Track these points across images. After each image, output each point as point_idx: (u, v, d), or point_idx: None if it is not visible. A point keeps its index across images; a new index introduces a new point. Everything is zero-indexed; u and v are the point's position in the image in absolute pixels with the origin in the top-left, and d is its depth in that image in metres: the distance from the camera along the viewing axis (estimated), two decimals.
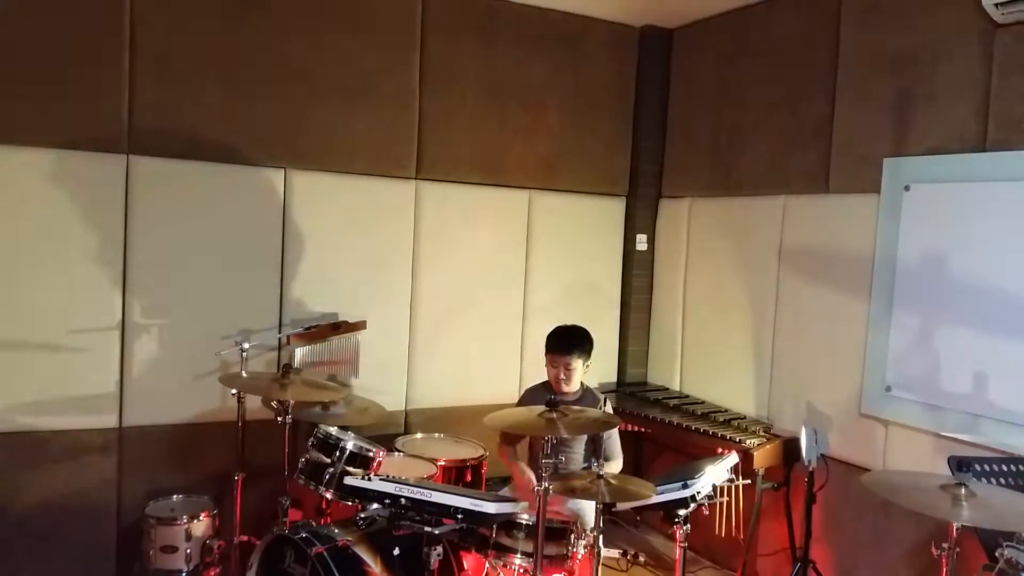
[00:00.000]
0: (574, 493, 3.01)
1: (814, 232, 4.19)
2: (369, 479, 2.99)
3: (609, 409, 3.83)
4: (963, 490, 2.38)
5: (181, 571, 3.54)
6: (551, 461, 2.83)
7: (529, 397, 3.78)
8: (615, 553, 4.30)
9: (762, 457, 4.02)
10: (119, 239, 3.86)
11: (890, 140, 3.79)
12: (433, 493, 2.87)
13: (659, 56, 5.13)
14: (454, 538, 3.17)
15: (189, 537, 3.55)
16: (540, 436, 2.87)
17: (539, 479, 2.81)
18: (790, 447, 4.15)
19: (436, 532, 2.81)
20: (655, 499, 3.11)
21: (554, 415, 2.84)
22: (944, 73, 3.58)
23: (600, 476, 3.05)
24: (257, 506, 4.01)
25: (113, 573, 3.93)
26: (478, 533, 3.14)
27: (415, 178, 4.51)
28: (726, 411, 4.57)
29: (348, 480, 3.04)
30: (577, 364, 3.67)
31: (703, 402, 4.76)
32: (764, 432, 4.22)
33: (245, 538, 3.83)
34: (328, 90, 4.23)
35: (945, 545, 2.43)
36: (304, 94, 4.17)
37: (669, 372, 5.13)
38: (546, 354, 3.71)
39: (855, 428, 3.93)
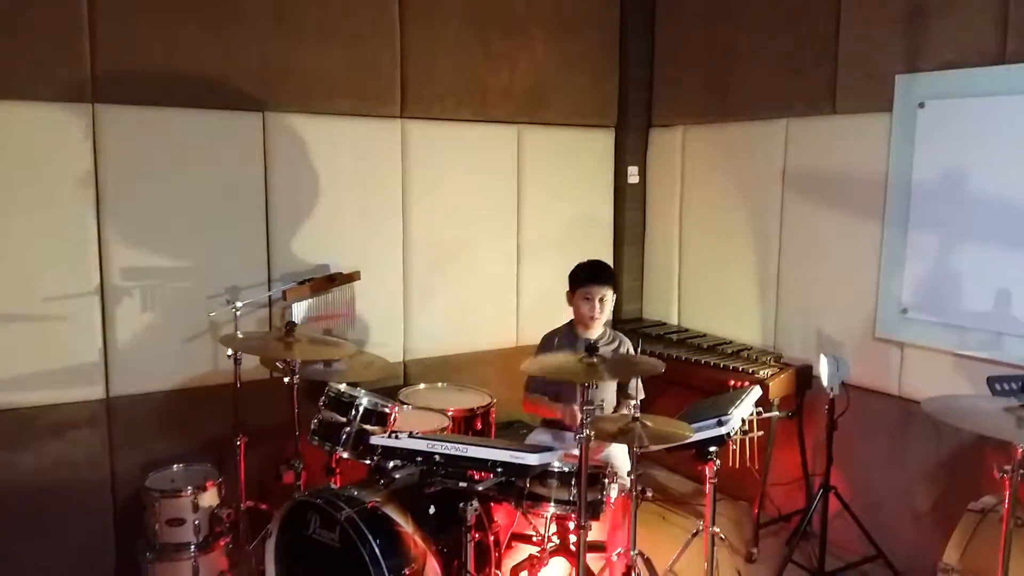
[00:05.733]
0: (614, 438, 2.90)
1: (820, 155, 4.08)
2: (397, 437, 2.82)
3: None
4: None
5: (190, 543, 3.35)
6: (593, 407, 2.71)
7: (556, 342, 3.62)
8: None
9: (777, 387, 3.97)
10: (90, 197, 3.55)
11: (902, 56, 3.67)
12: (469, 448, 2.73)
13: None
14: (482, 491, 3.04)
15: (196, 508, 3.36)
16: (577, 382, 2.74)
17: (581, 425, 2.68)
18: (802, 375, 4.12)
19: (479, 488, 2.68)
20: (693, 438, 3.02)
21: (595, 360, 2.70)
22: None
23: (636, 419, 2.94)
24: (258, 470, 3.82)
25: (112, 550, 3.73)
26: (508, 484, 3.01)
27: (400, 117, 4.25)
28: (731, 343, 4.50)
29: (375, 440, 2.88)
30: (610, 296, 3.54)
31: (705, 335, 4.69)
32: (775, 362, 4.17)
33: (251, 504, 3.68)
34: (304, 25, 3.92)
35: (1008, 467, 2.38)
36: (279, 31, 3.86)
37: (666, 306, 5.04)
38: (577, 288, 3.55)
39: (869, 352, 3.89)
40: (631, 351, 3.65)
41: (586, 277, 3.55)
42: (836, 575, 3.77)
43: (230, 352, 3.53)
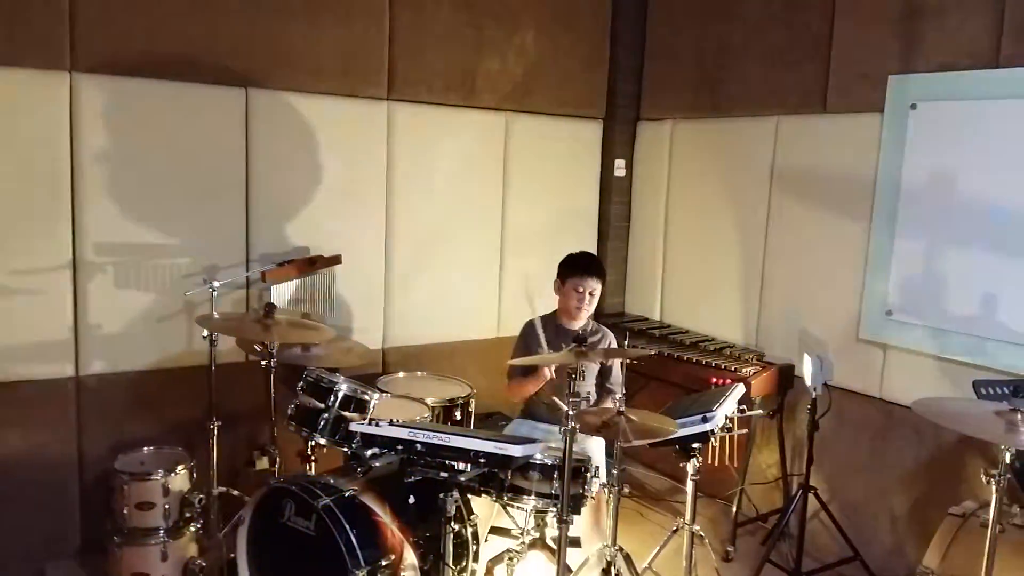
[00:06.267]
0: (598, 431, 2.85)
1: (810, 154, 4.05)
2: (377, 424, 2.75)
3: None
4: (1019, 416, 2.31)
5: (159, 528, 3.26)
6: (579, 399, 2.66)
7: (538, 330, 3.56)
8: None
9: (758, 385, 3.95)
10: (65, 167, 3.43)
11: (895, 56, 3.65)
12: (451, 438, 2.66)
13: None
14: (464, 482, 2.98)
15: (167, 492, 3.26)
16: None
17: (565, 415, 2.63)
18: (784, 374, 4.10)
19: (461, 479, 2.62)
20: (677, 434, 2.98)
21: (584, 349, 2.65)
22: None
23: (621, 413, 2.90)
24: (229, 455, 3.75)
25: (78, 532, 3.63)
26: (489, 476, 2.95)
27: (387, 99, 4.17)
28: (713, 340, 4.47)
29: (355, 426, 2.80)
30: (599, 289, 3.50)
31: (687, 331, 4.67)
32: (757, 360, 4.15)
33: (223, 489, 3.59)
34: (292, 1, 3.82)
35: (995, 471, 2.36)
36: (266, 5, 3.76)
37: (649, 302, 5.01)
38: (569, 278, 3.49)
39: (851, 354, 3.88)
40: (613, 345, 3.61)
41: (579, 269, 3.50)
42: (812, 575, 3.76)
43: (206, 333, 3.44)
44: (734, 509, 4.09)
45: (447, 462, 2.74)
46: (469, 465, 2.71)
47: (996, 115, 3.33)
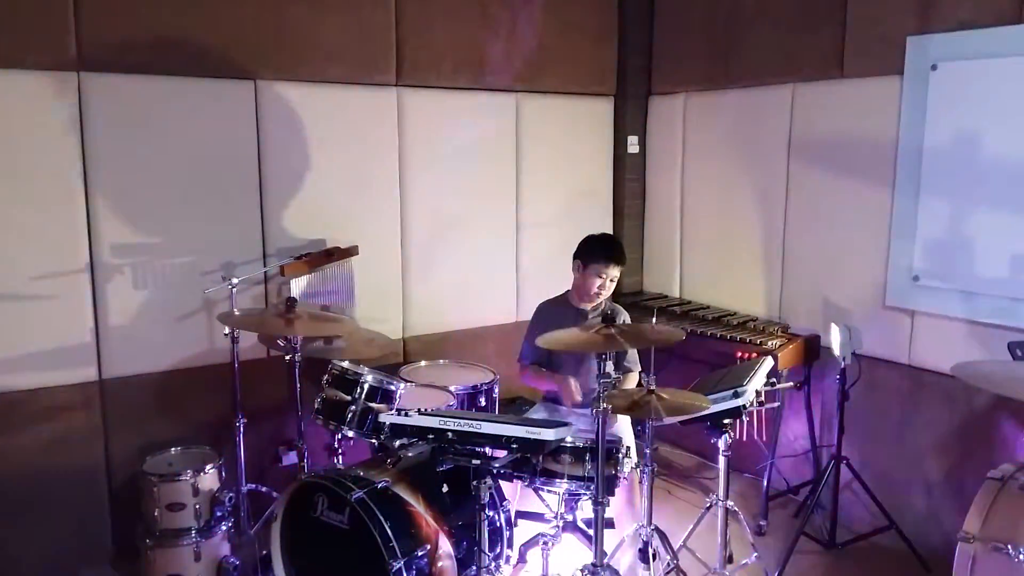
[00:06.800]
0: (630, 411, 2.82)
1: (828, 121, 3.99)
2: (407, 414, 2.73)
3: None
4: None
5: (191, 528, 3.24)
6: (610, 380, 2.62)
7: (553, 312, 3.53)
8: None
9: (785, 358, 3.90)
10: (77, 170, 3.40)
11: (913, 16, 3.57)
12: (482, 424, 2.63)
13: None
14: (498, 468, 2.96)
15: (196, 492, 3.25)
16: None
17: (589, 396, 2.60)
18: (810, 346, 4.05)
19: (497, 465, 2.59)
20: (711, 410, 2.95)
21: (612, 331, 2.61)
22: None
23: (652, 391, 2.87)
24: (255, 452, 3.73)
25: (109, 536, 3.63)
26: (521, 461, 2.93)
27: (396, 85, 4.12)
28: (735, 314, 4.43)
29: (385, 417, 2.78)
30: (618, 274, 3.46)
31: (708, 307, 4.62)
32: (782, 332, 4.10)
33: (252, 486, 3.58)
34: None
35: None
36: None
37: (667, 279, 4.96)
38: (591, 264, 3.44)
39: (878, 321, 3.83)
40: (627, 321, 3.57)
41: (603, 256, 3.44)
42: (848, 546, 3.73)
43: (227, 330, 3.42)
44: (765, 483, 4.06)
45: (478, 449, 2.72)
46: (502, 451, 2.69)
47: (1019, 72, 3.25)
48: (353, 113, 4.02)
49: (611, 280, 3.45)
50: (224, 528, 3.32)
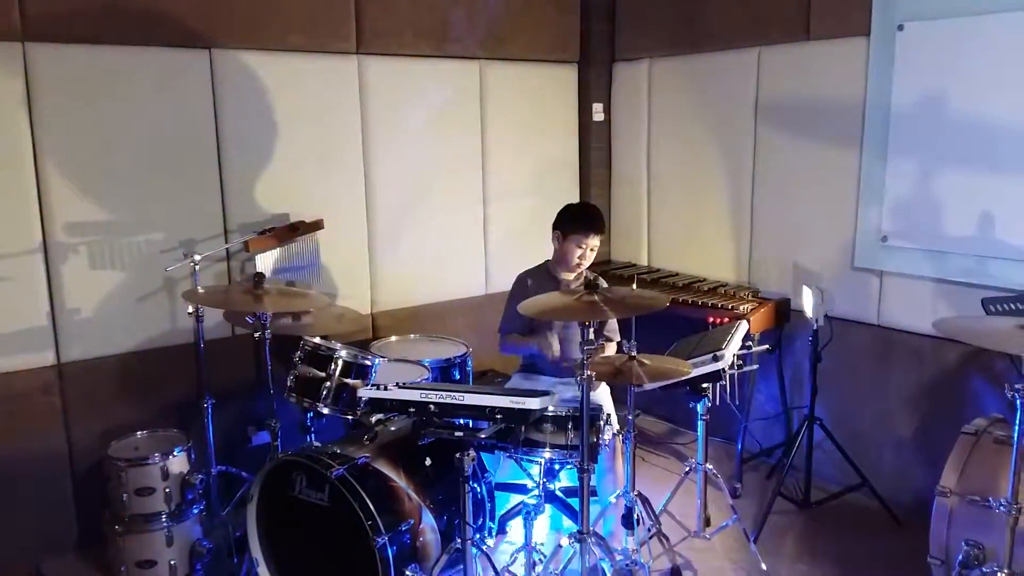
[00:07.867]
0: (612, 377, 2.80)
1: (794, 84, 3.98)
2: (386, 388, 2.66)
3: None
4: None
5: (161, 513, 3.14)
6: (593, 346, 2.59)
7: (533, 283, 3.48)
8: None
9: (757, 321, 3.92)
10: (26, 145, 3.24)
11: None
12: (465, 396, 2.58)
13: None
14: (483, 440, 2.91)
15: (166, 475, 3.14)
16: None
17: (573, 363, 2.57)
18: (780, 309, 4.08)
19: (482, 437, 2.54)
20: (692, 374, 2.94)
21: (596, 298, 2.58)
22: None
23: (633, 357, 2.85)
24: (224, 433, 3.63)
25: (73, 523, 3.51)
26: (504, 431, 2.89)
27: (356, 53, 4.00)
28: (704, 280, 4.43)
29: (363, 392, 2.70)
30: (598, 244, 3.42)
31: (677, 274, 4.61)
32: (753, 297, 4.12)
33: (223, 468, 3.49)
34: None
35: (1019, 386, 2.35)
36: None
37: (635, 247, 4.94)
38: (572, 234, 3.39)
39: (847, 283, 3.87)
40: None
41: (584, 226, 3.39)
42: (822, 505, 3.78)
43: (191, 309, 3.31)
44: (739, 446, 4.09)
45: (460, 421, 2.67)
46: (484, 422, 2.65)
47: (986, 31, 3.27)
48: (313, 82, 3.89)
49: (591, 250, 3.41)
50: (196, 511, 3.23)
